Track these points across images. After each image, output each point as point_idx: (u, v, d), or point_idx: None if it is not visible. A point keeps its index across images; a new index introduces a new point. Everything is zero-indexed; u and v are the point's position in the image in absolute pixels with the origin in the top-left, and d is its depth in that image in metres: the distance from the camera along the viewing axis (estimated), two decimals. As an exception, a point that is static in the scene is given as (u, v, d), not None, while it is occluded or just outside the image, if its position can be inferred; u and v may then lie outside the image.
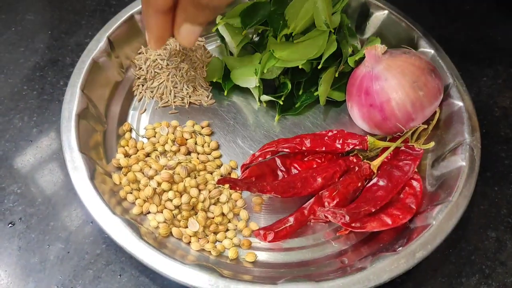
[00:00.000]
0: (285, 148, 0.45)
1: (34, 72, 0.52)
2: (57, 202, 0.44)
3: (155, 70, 0.50)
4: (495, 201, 0.47)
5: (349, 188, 0.43)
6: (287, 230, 0.42)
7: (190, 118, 0.50)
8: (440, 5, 0.62)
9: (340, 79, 0.50)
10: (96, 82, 0.48)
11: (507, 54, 0.58)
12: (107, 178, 0.43)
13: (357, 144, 0.44)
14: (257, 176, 0.44)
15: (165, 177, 0.42)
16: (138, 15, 0.51)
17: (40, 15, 0.58)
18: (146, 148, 0.46)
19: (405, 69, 0.43)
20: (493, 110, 0.53)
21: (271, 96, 0.48)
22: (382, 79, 0.43)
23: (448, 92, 0.48)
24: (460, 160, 0.43)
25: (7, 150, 0.47)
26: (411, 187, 0.43)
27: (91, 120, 0.45)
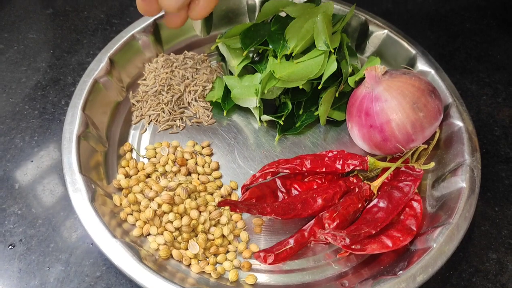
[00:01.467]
0: (286, 169, 0.45)
1: (36, 91, 0.53)
2: (58, 224, 0.44)
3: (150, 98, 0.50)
4: (496, 222, 0.47)
5: (349, 209, 0.43)
6: (287, 252, 0.41)
7: (191, 138, 0.50)
8: (440, 23, 0.63)
9: (340, 99, 0.50)
10: (97, 102, 0.48)
11: (506, 72, 0.58)
12: (107, 200, 0.43)
13: (357, 165, 0.44)
14: (257, 197, 0.44)
15: (165, 198, 0.42)
16: (139, 34, 0.52)
17: (43, 33, 0.58)
18: (146, 168, 0.46)
19: (405, 90, 0.43)
20: (493, 129, 0.53)
21: (271, 116, 0.48)
22: (382, 100, 0.43)
23: (448, 112, 0.48)
24: (460, 181, 0.43)
25: (8, 170, 0.47)
26: (411, 208, 0.43)
27: (92, 140, 0.46)
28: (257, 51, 0.53)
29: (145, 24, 0.52)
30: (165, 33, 0.54)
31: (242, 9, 0.57)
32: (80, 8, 0.61)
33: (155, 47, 0.54)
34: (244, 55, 0.50)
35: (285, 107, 0.49)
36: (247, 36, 0.50)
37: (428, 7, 0.64)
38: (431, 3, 0.65)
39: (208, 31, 0.57)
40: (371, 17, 0.54)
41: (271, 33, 0.50)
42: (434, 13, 0.64)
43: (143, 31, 0.52)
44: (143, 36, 0.52)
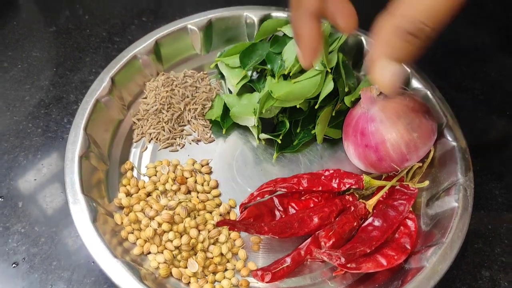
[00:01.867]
0: (283, 188, 0.46)
1: (39, 109, 0.54)
2: (60, 242, 0.45)
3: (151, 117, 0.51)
4: (489, 239, 0.47)
5: (345, 227, 0.44)
6: (284, 270, 0.42)
7: (190, 156, 0.51)
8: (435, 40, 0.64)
9: (337, 118, 0.51)
10: (99, 121, 0.49)
11: (501, 90, 0.59)
12: (109, 218, 0.44)
13: (353, 184, 0.45)
14: (255, 216, 0.45)
15: (165, 218, 0.43)
16: (141, 54, 0.53)
17: (46, 51, 0.59)
18: (147, 187, 0.47)
19: (399, 111, 0.44)
20: (487, 146, 0.54)
21: (269, 135, 0.49)
22: (377, 121, 0.44)
23: (442, 131, 0.49)
24: (454, 200, 0.44)
25: (12, 188, 0.48)
26: (406, 227, 0.44)
27: (94, 159, 0.47)
28: (255, 69, 0.54)
29: (146, 43, 0.53)
30: (165, 52, 0.55)
31: (241, 27, 0.58)
32: (83, 26, 0.62)
33: (155, 65, 0.55)
34: (243, 74, 0.51)
35: (283, 125, 0.50)
36: (245, 55, 0.52)
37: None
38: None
39: (208, 49, 0.58)
40: (367, 36, 0.55)
41: (269, 53, 0.51)
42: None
43: (144, 50, 0.53)
44: (144, 55, 0.53)
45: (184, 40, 0.56)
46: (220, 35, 0.58)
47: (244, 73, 0.51)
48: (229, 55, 0.54)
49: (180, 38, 0.56)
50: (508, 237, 0.48)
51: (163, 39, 0.55)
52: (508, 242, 0.47)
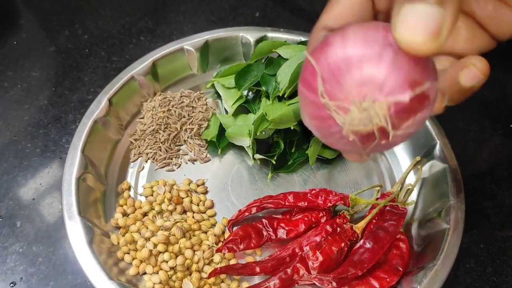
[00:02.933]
0: (269, 204, 0.47)
1: (38, 129, 0.55)
2: (57, 262, 0.46)
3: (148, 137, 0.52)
4: (481, 259, 0.48)
5: (333, 248, 0.44)
6: None
7: (187, 175, 0.52)
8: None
9: None
10: (96, 142, 0.50)
11: (493, 108, 0.60)
12: (105, 239, 0.45)
13: (338, 200, 0.46)
14: (241, 237, 0.45)
15: (161, 239, 0.44)
16: (138, 75, 0.54)
17: (46, 71, 0.60)
18: (144, 207, 0.48)
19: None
20: (479, 165, 0.55)
21: (264, 156, 0.50)
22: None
23: (433, 153, 0.50)
24: (445, 222, 0.45)
25: (11, 208, 0.49)
26: (397, 248, 0.45)
27: (91, 180, 0.47)
28: (251, 90, 0.55)
29: (143, 64, 0.54)
30: (162, 72, 0.56)
31: (237, 47, 0.59)
32: (82, 46, 0.63)
33: (152, 85, 0.56)
34: (239, 95, 0.52)
35: (278, 146, 0.51)
36: (241, 76, 0.52)
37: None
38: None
39: (204, 69, 0.59)
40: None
41: (263, 75, 0.52)
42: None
43: (141, 71, 0.54)
44: (141, 76, 0.54)
45: (181, 60, 0.57)
46: (217, 55, 0.59)
47: (239, 94, 0.52)
48: (225, 76, 0.55)
49: (177, 58, 0.57)
50: (500, 257, 0.48)
51: (160, 60, 0.56)
52: (500, 261, 0.48)
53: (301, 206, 0.47)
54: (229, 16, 0.68)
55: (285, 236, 0.47)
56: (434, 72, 0.23)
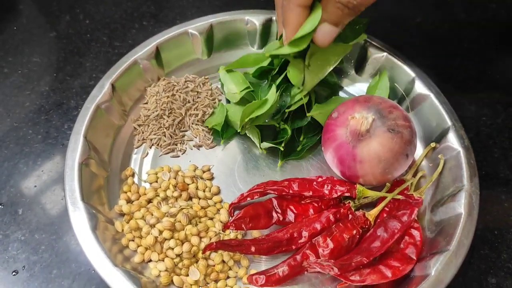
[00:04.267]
0: (273, 190, 0.46)
1: (39, 115, 0.53)
2: (60, 250, 0.44)
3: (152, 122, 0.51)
4: (495, 245, 0.47)
5: (344, 235, 0.43)
6: (279, 275, 0.42)
7: (192, 162, 0.50)
8: (439, 43, 0.63)
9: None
10: (99, 127, 0.48)
11: (506, 92, 0.58)
12: (109, 226, 0.44)
13: (345, 192, 0.45)
14: (251, 216, 0.44)
15: (166, 225, 0.43)
16: (141, 60, 0.52)
17: (46, 57, 0.59)
18: (148, 194, 0.47)
19: (381, 156, 0.43)
20: (493, 151, 0.53)
21: (271, 143, 0.49)
22: (357, 160, 0.43)
23: (446, 137, 0.48)
24: (459, 207, 0.43)
25: (12, 196, 0.48)
26: (411, 237, 0.43)
27: (94, 166, 0.46)
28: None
29: (146, 48, 0.53)
30: (166, 56, 0.55)
31: (242, 32, 0.57)
32: (83, 31, 0.62)
33: (156, 70, 0.55)
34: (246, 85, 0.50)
35: (285, 133, 0.49)
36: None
37: (427, 27, 0.65)
38: (430, 23, 0.65)
39: (209, 53, 0.58)
40: (370, 40, 0.55)
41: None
42: (433, 33, 0.64)
43: (145, 55, 0.53)
44: (145, 60, 0.53)
45: (185, 44, 0.56)
46: (222, 39, 0.57)
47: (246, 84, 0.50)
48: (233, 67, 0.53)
49: (181, 42, 0.55)
50: (515, 243, 0.47)
51: (164, 43, 0.54)
52: (515, 248, 0.47)
53: (306, 195, 0.46)
54: (234, 1, 0.67)
55: (293, 220, 0.46)
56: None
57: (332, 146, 0.45)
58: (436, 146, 0.49)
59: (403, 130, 0.43)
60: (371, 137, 0.43)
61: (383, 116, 0.43)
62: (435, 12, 0.67)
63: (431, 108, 0.51)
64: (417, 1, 0.68)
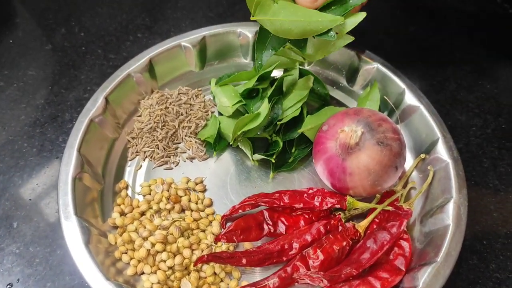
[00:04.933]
0: (264, 203, 0.46)
1: (35, 128, 0.54)
2: (54, 263, 0.45)
3: (145, 135, 0.52)
4: (484, 255, 0.47)
5: (334, 246, 0.43)
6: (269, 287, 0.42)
7: (185, 174, 0.51)
8: (430, 53, 0.64)
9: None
10: (93, 141, 0.49)
11: (495, 102, 0.59)
12: (102, 239, 0.45)
13: (335, 203, 0.46)
14: (242, 229, 0.45)
15: (159, 238, 0.43)
16: (135, 73, 0.53)
17: (42, 70, 0.60)
18: (141, 206, 0.47)
19: (371, 169, 0.43)
20: (482, 160, 0.54)
21: (263, 155, 0.49)
22: (347, 172, 0.44)
23: (436, 148, 0.49)
24: (447, 218, 0.44)
25: (7, 209, 0.48)
26: (400, 248, 0.44)
27: (88, 180, 0.47)
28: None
29: (140, 62, 0.54)
30: (159, 69, 0.56)
31: (235, 44, 0.58)
32: (78, 44, 0.63)
33: (150, 83, 0.55)
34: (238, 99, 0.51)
35: (276, 145, 0.50)
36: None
37: (419, 37, 0.65)
38: (422, 33, 0.66)
39: (202, 65, 0.58)
40: (361, 51, 0.55)
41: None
42: (425, 43, 0.65)
43: (138, 69, 0.53)
44: (138, 74, 0.54)
45: (178, 57, 0.57)
46: (214, 52, 0.58)
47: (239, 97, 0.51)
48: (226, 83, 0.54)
49: (174, 55, 0.56)
50: (503, 253, 0.47)
51: (157, 57, 0.55)
52: (503, 258, 0.47)
53: (296, 207, 0.46)
54: (227, 12, 0.67)
55: (284, 232, 0.46)
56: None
57: (323, 158, 0.46)
58: (425, 157, 0.50)
59: (392, 142, 0.44)
60: (360, 150, 0.43)
61: (372, 129, 0.44)
62: (428, 22, 0.68)
63: (420, 119, 0.51)
64: (409, 11, 0.69)
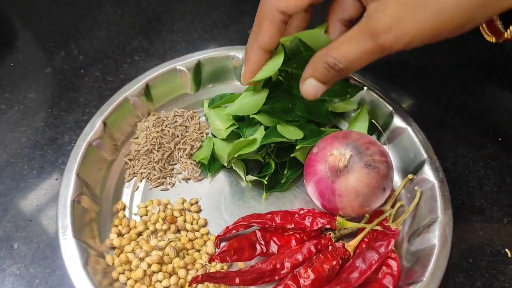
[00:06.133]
0: (257, 223, 0.48)
1: (35, 151, 0.56)
2: (54, 283, 0.46)
3: (142, 157, 0.53)
4: (470, 273, 0.49)
5: (324, 266, 0.45)
6: None
7: (180, 195, 0.53)
8: (420, 74, 0.66)
9: None
10: (91, 163, 0.51)
11: (482, 123, 0.61)
12: (100, 260, 0.46)
13: (326, 224, 0.47)
14: (235, 249, 0.46)
15: (155, 259, 0.45)
16: (132, 97, 0.55)
17: (42, 93, 0.61)
18: (138, 227, 0.49)
19: (359, 191, 0.45)
20: (468, 180, 0.56)
21: (256, 176, 0.51)
22: (336, 194, 0.46)
23: (423, 169, 0.51)
24: (433, 238, 0.46)
25: (8, 230, 0.50)
26: (388, 267, 0.46)
27: (86, 202, 0.48)
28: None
29: (136, 86, 0.55)
30: (155, 92, 0.58)
31: (228, 67, 0.60)
32: (77, 67, 0.64)
33: (146, 105, 0.57)
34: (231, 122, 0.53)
35: (269, 167, 0.52)
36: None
37: (408, 58, 0.67)
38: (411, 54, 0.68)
39: (197, 88, 0.60)
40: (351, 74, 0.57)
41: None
42: (414, 64, 0.67)
43: (135, 92, 0.55)
44: (135, 97, 0.55)
45: (174, 80, 0.58)
46: (209, 74, 0.60)
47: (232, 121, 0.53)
48: (218, 106, 0.56)
49: (170, 78, 0.58)
50: (489, 271, 0.49)
51: (153, 80, 0.57)
52: (489, 275, 0.49)
53: (288, 227, 0.48)
54: (222, 34, 0.69)
55: (276, 251, 0.48)
56: None
57: (313, 180, 0.48)
58: (413, 177, 0.52)
59: (379, 165, 0.45)
60: (349, 172, 0.45)
61: (360, 152, 0.46)
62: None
63: (408, 141, 0.53)
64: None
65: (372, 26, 0.37)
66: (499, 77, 0.66)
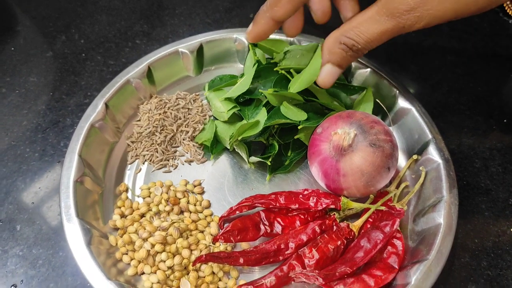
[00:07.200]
0: (260, 204, 0.48)
1: (36, 134, 0.55)
2: (57, 264, 0.46)
3: (144, 139, 0.53)
4: (476, 253, 0.49)
5: (329, 246, 0.45)
6: (266, 286, 0.43)
7: (183, 177, 0.52)
8: (422, 56, 0.65)
9: None
10: (94, 145, 0.50)
11: (486, 104, 0.60)
12: (103, 240, 0.46)
13: (330, 204, 0.47)
14: (239, 229, 0.46)
15: (158, 239, 0.45)
16: (134, 79, 0.55)
17: (43, 77, 0.61)
18: (141, 208, 0.49)
19: (364, 170, 0.44)
20: (474, 161, 0.55)
21: (259, 157, 0.51)
22: (340, 173, 0.45)
23: (427, 149, 0.50)
24: (438, 217, 0.45)
25: (10, 212, 0.50)
26: (393, 246, 0.45)
27: (89, 183, 0.48)
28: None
29: (138, 68, 0.55)
30: (157, 75, 0.57)
31: (231, 49, 0.60)
32: (78, 51, 0.64)
33: (148, 88, 0.57)
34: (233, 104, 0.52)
35: (273, 148, 0.51)
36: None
37: (411, 41, 0.67)
38: (414, 36, 0.67)
39: (199, 70, 0.60)
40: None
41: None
42: (417, 47, 0.66)
43: (137, 75, 0.55)
44: (137, 79, 0.55)
45: (176, 63, 0.58)
46: (211, 57, 0.60)
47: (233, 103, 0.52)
48: (220, 88, 0.55)
49: (172, 61, 0.58)
50: (494, 251, 0.49)
51: (156, 63, 0.56)
52: (494, 255, 0.48)
53: (292, 208, 0.47)
54: (224, 18, 0.69)
55: (281, 232, 0.47)
56: None
57: (317, 160, 0.47)
58: (418, 158, 0.51)
59: (384, 144, 0.45)
60: (353, 151, 0.45)
61: (365, 131, 0.45)
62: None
63: (413, 121, 0.53)
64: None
65: (395, 6, 0.37)
66: (503, 59, 0.65)
